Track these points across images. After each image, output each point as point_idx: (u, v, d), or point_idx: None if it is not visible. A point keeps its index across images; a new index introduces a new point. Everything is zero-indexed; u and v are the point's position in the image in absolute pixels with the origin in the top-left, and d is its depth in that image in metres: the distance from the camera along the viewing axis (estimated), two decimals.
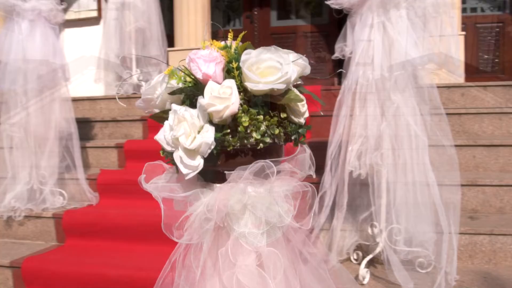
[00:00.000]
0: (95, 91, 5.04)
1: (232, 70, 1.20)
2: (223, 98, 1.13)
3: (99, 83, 4.94)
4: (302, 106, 1.26)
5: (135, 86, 4.89)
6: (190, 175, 1.16)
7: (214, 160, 1.20)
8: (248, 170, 1.17)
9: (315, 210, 2.49)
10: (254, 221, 1.22)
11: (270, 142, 1.21)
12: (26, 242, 3.17)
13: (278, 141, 1.24)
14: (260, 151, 1.21)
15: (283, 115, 1.25)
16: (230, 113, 1.15)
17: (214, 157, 1.19)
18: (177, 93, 1.22)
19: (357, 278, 2.38)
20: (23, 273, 2.64)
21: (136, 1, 4.76)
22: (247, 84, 1.17)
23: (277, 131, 1.21)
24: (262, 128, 1.18)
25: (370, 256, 2.45)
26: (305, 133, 1.30)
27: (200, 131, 1.16)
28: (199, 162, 1.16)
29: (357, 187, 2.59)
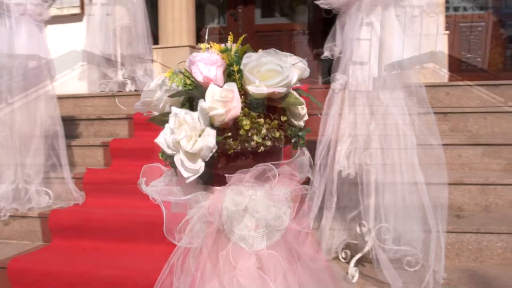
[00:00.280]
0: (79, 89, 4.98)
1: (233, 74, 1.20)
2: (225, 101, 1.13)
3: (83, 81, 4.88)
4: (302, 109, 1.27)
5: (120, 84, 4.84)
6: (191, 178, 1.16)
7: (215, 163, 1.20)
8: (249, 174, 1.17)
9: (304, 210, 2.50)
10: (254, 223, 1.23)
11: (271, 145, 1.21)
12: (12, 242, 3.12)
13: (278, 144, 1.24)
14: (260, 154, 1.21)
15: (283, 118, 1.25)
16: (231, 116, 1.15)
17: (215, 160, 1.19)
18: (179, 95, 1.22)
19: (346, 277, 2.39)
20: (9, 273, 2.60)
21: None
22: (248, 87, 1.17)
23: (277, 134, 1.21)
24: (263, 131, 1.18)
25: (359, 254, 2.47)
26: (304, 135, 1.31)
27: (201, 134, 1.16)
28: (200, 165, 1.16)
29: (345, 187, 2.60)
